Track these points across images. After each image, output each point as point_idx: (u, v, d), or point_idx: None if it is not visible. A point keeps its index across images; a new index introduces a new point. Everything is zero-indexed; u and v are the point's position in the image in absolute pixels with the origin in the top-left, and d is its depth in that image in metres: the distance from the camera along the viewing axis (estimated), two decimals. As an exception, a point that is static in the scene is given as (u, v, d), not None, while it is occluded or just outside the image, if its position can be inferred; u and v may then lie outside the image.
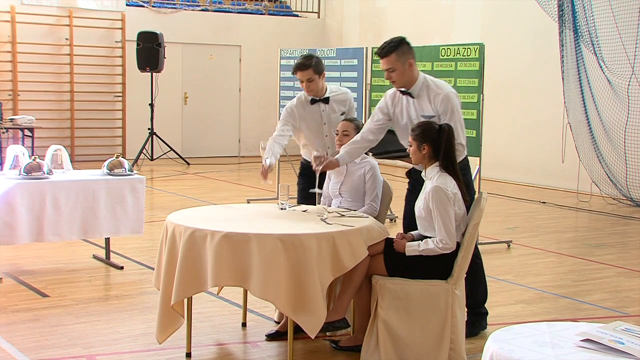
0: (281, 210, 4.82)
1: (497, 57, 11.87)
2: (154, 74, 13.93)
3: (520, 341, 2.87)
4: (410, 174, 4.93)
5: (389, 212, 5.74)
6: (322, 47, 11.77)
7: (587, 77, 10.58)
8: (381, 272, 4.35)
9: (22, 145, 10.12)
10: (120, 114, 14.71)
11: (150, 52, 13.63)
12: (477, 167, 7.76)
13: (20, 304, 5.47)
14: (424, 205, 4.31)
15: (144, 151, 13.86)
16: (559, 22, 10.67)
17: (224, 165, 14.60)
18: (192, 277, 4.16)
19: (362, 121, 5.11)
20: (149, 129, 14.02)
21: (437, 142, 4.35)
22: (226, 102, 16.00)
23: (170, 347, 4.55)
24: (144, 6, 14.98)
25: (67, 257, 6.86)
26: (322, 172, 4.88)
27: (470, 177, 4.82)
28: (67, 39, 14.08)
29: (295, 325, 4.22)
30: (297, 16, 16.81)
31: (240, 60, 15.99)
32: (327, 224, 4.36)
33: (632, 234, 8.66)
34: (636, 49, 10.10)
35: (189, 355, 4.48)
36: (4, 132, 11.96)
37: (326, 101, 5.43)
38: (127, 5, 14.71)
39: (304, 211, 4.76)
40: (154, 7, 15.09)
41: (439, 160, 4.36)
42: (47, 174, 6.12)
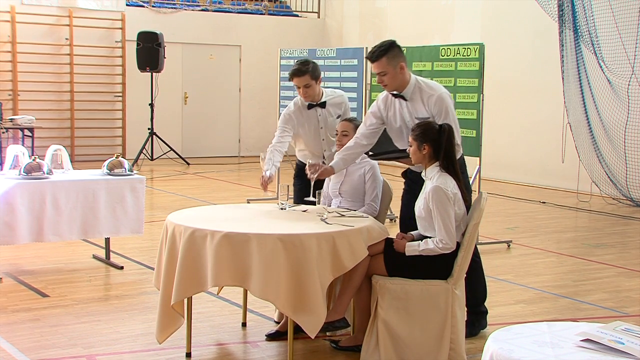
0: (281, 210, 4.82)
1: (497, 57, 11.87)
2: (154, 74, 13.94)
3: (520, 341, 2.87)
4: (406, 174, 4.92)
5: (389, 212, 5.74)
6: (322, 47, 11.76)
7: (587, 77, 10.58)
8: (381, 272, 4.35)
9: (22, 145, 10.12)
10: (120, 114, 14.71)
11: (150, 52, 13.63)
12: (477, 167, 7.76)
13: (20, 304, 5.47)
14: (424, 205, 4.31)
15: (144, 151, 13.86)
16: (559, 22, 10.67)
17: (224, 165, 14.60)
18: (192, 277, 4.16)
19: (361, 121, 5.10)
20: (149, 129, 14.02)
21: (437, 142, 4.35)
22: (226, 102, 16.00)
23: (170, 347, 4.55)
24: (144, 6, 14.98)
25: (67, 257, 6.87)
26: (317, 180, 4.88)
27: (467, 176, 4.83)
28: (67, 39, 14.08)
29: (295, 325, 4.22)
30: (297, 16, 16.82)
31: (240, 60, 16.00)
32: (327, 224, 4.36)
33: (632, 234, 8.66)
34: (636, 49, 10.10)
35: (189, 355, 4.48)
36: (4, 132, 11.96)
37: (323, 105, 5.45)
38: (127, 5, 14.72)
39: (304, 211, 4.76)
40: (154, 7, 15.09)
41: (439, 160, 4.36)
42: (47, 174, 6.12)
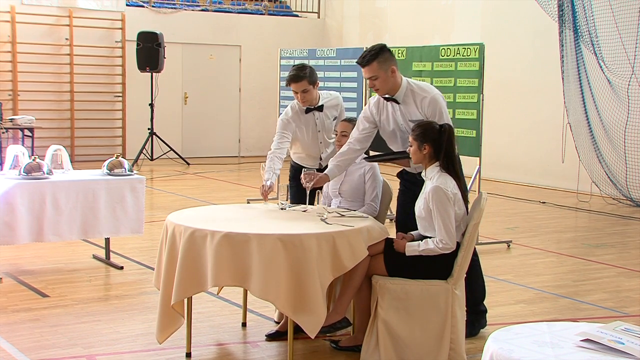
0: (281, 210, 4.82)
1: (497, 57, 11.87)
2: (154, 74, 13.94)
3: (520, 341, 2.87)
4: (401, 175, 4.92)
5: (389, 212, 5.73)
6: (322, 47, 11.76)
7: (587, 77, 10.58)
8: (381, 272, 4.35)
9: (22, 145, 10.13)
10: (120, 114, 14.71)
11: (150, 52, 13.63)
12: (477, 167, 7.76)
13: (20, 304, 5.47)
14: (424, 205, 4.31)
15: (144, 151, 13.86)
16: (559, 22, 10.67)
17: (224, 165, 14.60)
18: (192, 277, 4.16)
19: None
20: (149, 129, 14.02)
21: (437, 142, 4.35)
22: (226, 102, 16.00)
23: (170, 347, 4.55)
24: (144, 6, 14.98)
25: (67, 257, 6.86)
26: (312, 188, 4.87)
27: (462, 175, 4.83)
28: (67, 39, 14.08)
29: (295, 325, 4.22)
30: (297, 16, 16.82)
31: (240, 60, 16.00)
32: (327, 224, 4.36)
33: (632, 234, 8.66)
34: (636, 49, 10.10)
35: (189, 355, 4.48)
36: (4, 132, 11.96)
37: (320, 109, 5.46)
38: (127, 5, 14.71)
39: (304, 211, 4.76)
40: (154, 7, 15.09)
41: (439, 160, 4.36)
42: (47, 174, 6.12)
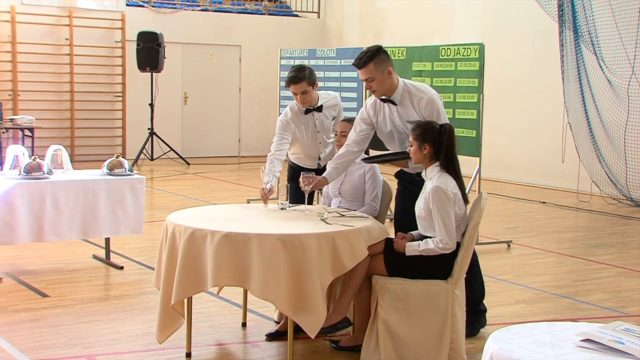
0: (281, 210, 4.82)
1: (497, 57, 11.87)
2: (154, 74, 13.94)
3: (520, 341, 2.87)
4: (399, 175, 4.92)
5: (389, 212, 5.73)
6: (322, 47, 11.76)
7: (587, 77, 10.58)
8: (381, 272, 4.35)
9: (22, 145, 10.12)
10: (120, 114, 14.71)
11: (150, 52, 13.63)
12: (477, 167, 7.76)
13: (20, 304, 5.47)
14: (424, 205, 4.31)
15: (144, 151, 13.86)
16: (559, 22, 10.67)
17: (224, 165, 14.60)
18: (192, 277, 4.16)
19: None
20: (149, 129, 14.02)
21: (438, 142, 4.35)
22: (226, 102, 16.00)
23: (170, 347, 4.55)
24: (144, 6, 14.98)
25: (67, 257, 6.86)
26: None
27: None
28: (67, 39, 14.08)
29: (295, 325, 4.22)
30: (297, 16, 16.82)
31: (240, 60, 16.00)
32: (327, 224, 4.36)
33: (632, 234, 8.66)
34: (636, 49, 10.10)
35: (189, 355, 4.48)
36: (4, 132, 11.96)
37: (320, 109, 5.46)
38: (127, 5, 14.71)
39: (304, 211, 4.75)
40: (154, 7, 15.09)
41: (439, 160, 4.36)
42: (47, 174, 6.12)
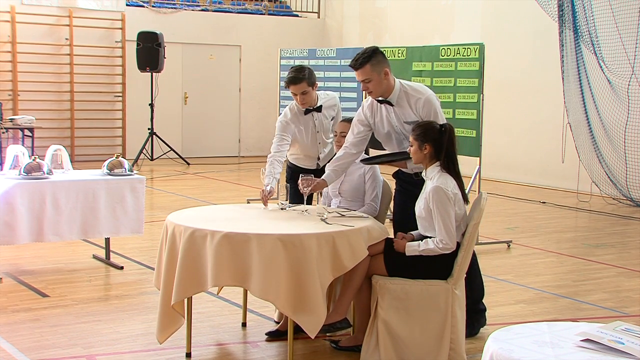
0: (281, 210, 4.82)
1: (497, 57, 11.87)
2: (154, 74, 13.94)
3: (520, 341, 2.87)
4: (397, 175, 4.92)
5: (389, 212, 5.73)
6: (322, 47, 11.76)
7: (587, 77, 10.58)
8: (381, 272, 4.35)
9: (22, 145, 10.12)
10: (120, 114, 14.71)
11: (150, 52, 13.63)
12: (477, 167, 7.76)
13: (20, 304, 5.47)
14: (425, 205, 4.31)
15: (144, 151, 13.86)
16: (559, 22, 10.67)
17: (224, 165, 14.60)
18: (192, 277, 4.16)
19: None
20: (149, 129, 14.02)
21: (438, 142, 4.35)
22: (226, 102, 16.00)
23: (170, 347, 4.55)
24: (144, 6, 14.98)
25: (67, 257, 6.87)
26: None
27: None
28: (67, 39, 14.08)
29: (295, 325, 4.22)
30: (297, 16, 16.82)
31: (240, 60, 16.00)
32: (327, 224, 4.36)
33: (632, 234, 8.66)
34: (636, 49, 10.10)
35: (189, 355, 4.48)
36: (4, 132, 11.96)
37: (319, 110, 5.46)
38: (127, 5, 14.72)
39: (304, 211, 4.76)
40: (154, 7, 15.09)
41: (439, 160, 4.36)
42: (47, 174, 6.12)
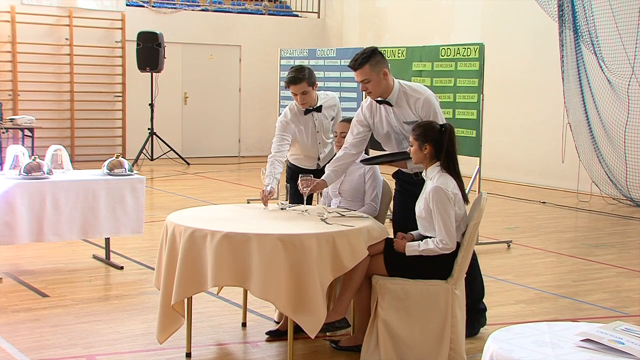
0: (281, 210, 4.82)
1: (497, 57, 11.87)
2: (154, 74, 13.94)
3: (520, 341, 2.87)
4: (397, 175, 4.92)
5: (389, 212, 5.73)
6: (322, 47, 11.76)
7: (587, 77, 10.58)
8: (381, 272, 4.35)
9: (22, 145, 10.12)
10: (120, 114, 14.71)
11: (150, 52, 13.63)
12: (477, 167, 7.76)
13: (20, 304, 5.47)
14: (425, 205, 4.31)
15: (144, 151, 13.86)
16: (559, 22, 10.67)
17: (224, 165, 14.60)
18: (192, 277, 4.16)
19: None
20: (149, 129, 14.02)
21: (439, 142, 4.35)
22: (226, 102, 16.00)
23: (170, 347, 4.55)
24: (144, 6, 14.98)
25: (67, 257, 6.86)
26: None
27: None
28: (67, 39, 14.08)
29: (295, 325, 4.22)
30: (297, 16, 16.82)
31: (240, 60, 16.00)
32: (327, 224, 4.36)
33: (632, 234, 8.66)
34: (636, 49, 10.10)
35: (189, 355, 4.48)
36: (4, 132, 11.96)
37: (319, 110, 5.46)
38: (127, 5, 14.72)
39: (304, 211, 4.75)
40: (154, 7, 15.09)
41: (440, 160, 4.36)
42: (47, 174, 6.12)
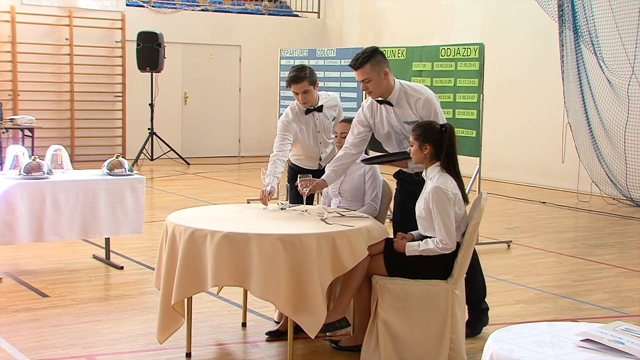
0: (281, 210, 4.82)
1: (497, 57, 11.87)
2: (154, 74, 13.94)
3: (520, 341, 2.87)
4: (398, 175, 4.92)
5: (389, 212, 5.74)
6: (322, 47, 11.76)
7: (587, 77, 10.58)
8: (381, 272, 4.35)
9: (22, 145, 10.12)
10: (120, 114, 14.71)
11: (150, 52, 13.63)
12: (477, 167, 7.76)
13: (20, 304, 5.47)
14: (425, 205, 4.31)
15: (144, 151, 13.86)
16: (559, 22, 10.67)
17: (224, 165, 14.60)
18: (192, 277, 4.16)
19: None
20: (149, 129, 14.02)
21: (439, 142, 4.35)
22: (226, 102, 16.00)
23: (170, 347, 4.55)
24: (144, 6, 14.98)
25: (67, 257, 6.86)
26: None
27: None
28: (67, 39, 14.08)
29: (295, 325, 4.22)
30: (297, 16, 16.82)
31: (240, 60, 16.00)
32: (327, 224, 4.36)
33: (632, 234, 8.66)
34: (636, 49, 10.10)
35: (189, 355, 4.48)
36: (4, 132, 11.96)
37: (320, 109, 5.46)
38: (127, 5, 14.71)
39: (304, 211, 4.75)
40: (154, 7, 15.09)
41: (440, 160, 4.36)
42: (47, 174, 6.12)
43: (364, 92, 4.88)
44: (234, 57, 15.94)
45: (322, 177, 4.83)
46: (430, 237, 4.31)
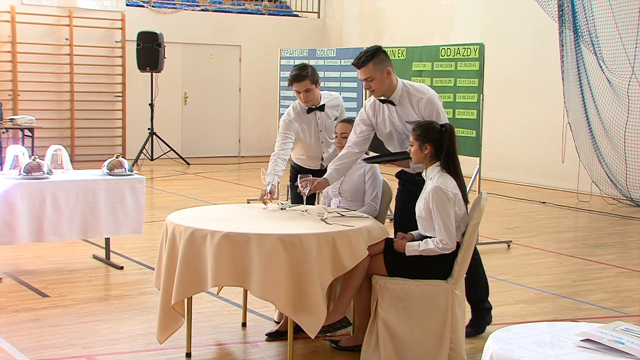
0: (281, 210, 4.82)
1: (497, 57, 11.87)
2: (154, 74, 13.94)
3: (520, 341, 2.87)
4: (399, 175, 4.93)
5: (389, 212, 5.73)
6: (322, 47, 11.76)
7: (587, 77, 10.58)
8: (381, 272, 4.35)
9: (22, 145, 10.12)
10: (120, 114, 14.71)
11: (150, 52, 13.63)
12: (477, 167, 7.76)
13: (20, 304, 5.47)
14: (425, 205, 4.31)
15: (144, 151, 13.86)
16: (559, 22, 10.67)
17: (224, 165, 14.60)
18: (192, 277, 4.16)
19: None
20: (149, 129, 14.02)
21: (439, 142, 4.35)
22: (226, 102, 16.00)
23: (170, 347, 4.55)
24: (144, 6, 14.98)
25: (67, 257, 6.87)
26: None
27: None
28: (67, 39, 14.08)
29: (295, 325, 4.22)
30: (297, 16, 16.82)
31: (240, 60, 16.00)
32: (327, 224, 4.36)
33: (632, 234, 8.66)
34: (636, 49, 10.10)
35: (189, 355, 4.48)
36: (4, 132, 11.95)
37: (322, 109, 5.46)
38: (127, 5, 14.71)
39: (304, 211, 4.75)
40: (154, 7, 15.09)
41: (440, 160, 4.36)
42: (47, 174, 6.12)
43: (365, 92, 4.88)
44: (234, 57, 15.94)
45: (324, 176, 4.83)
46: (430, 237, 4.32)
